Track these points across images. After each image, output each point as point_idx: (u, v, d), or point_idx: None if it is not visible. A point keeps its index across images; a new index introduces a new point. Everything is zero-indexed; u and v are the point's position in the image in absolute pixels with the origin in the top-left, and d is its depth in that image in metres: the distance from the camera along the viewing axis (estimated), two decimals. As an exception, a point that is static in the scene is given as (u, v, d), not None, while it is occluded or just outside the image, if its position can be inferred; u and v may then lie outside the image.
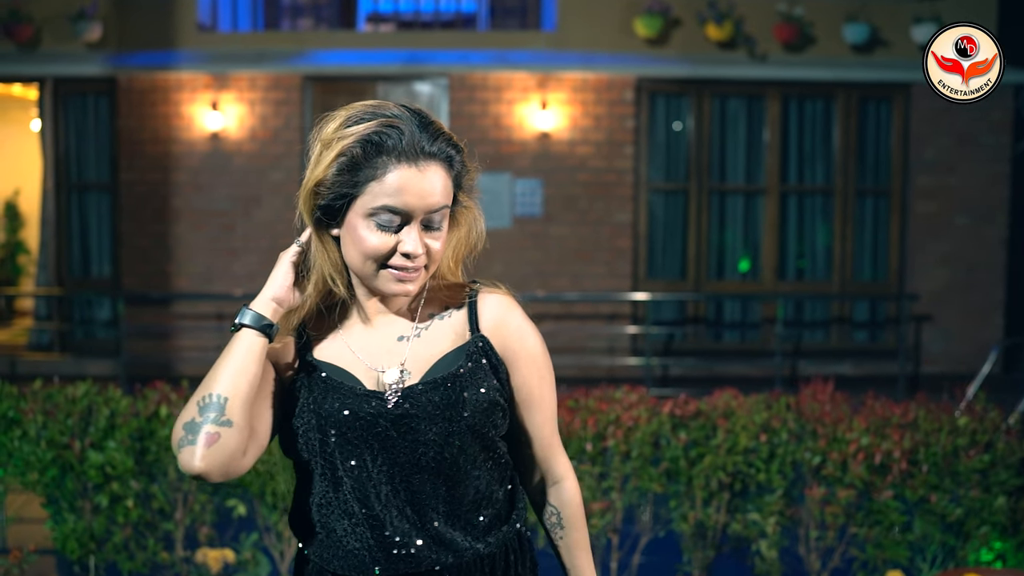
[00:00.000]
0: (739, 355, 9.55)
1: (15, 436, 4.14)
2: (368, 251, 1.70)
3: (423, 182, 1.69)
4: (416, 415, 1.73)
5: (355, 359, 1.79)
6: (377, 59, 9.28)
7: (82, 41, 9.15)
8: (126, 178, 9.43)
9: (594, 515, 4.09)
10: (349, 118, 1.71)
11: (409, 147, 1.68)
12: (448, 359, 1.79)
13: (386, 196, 1.67)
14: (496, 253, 9.25)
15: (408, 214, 1.69)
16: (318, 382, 1.77)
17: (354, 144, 1.67)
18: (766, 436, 4.07)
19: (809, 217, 9.74)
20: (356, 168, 1.68)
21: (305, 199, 1.73)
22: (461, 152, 1.79)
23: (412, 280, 1.73)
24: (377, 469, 1.73)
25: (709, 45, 9.22)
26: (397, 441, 1.72)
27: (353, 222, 1.71)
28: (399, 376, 1.76)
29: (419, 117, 1.72)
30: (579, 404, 4.12)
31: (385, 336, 1.82)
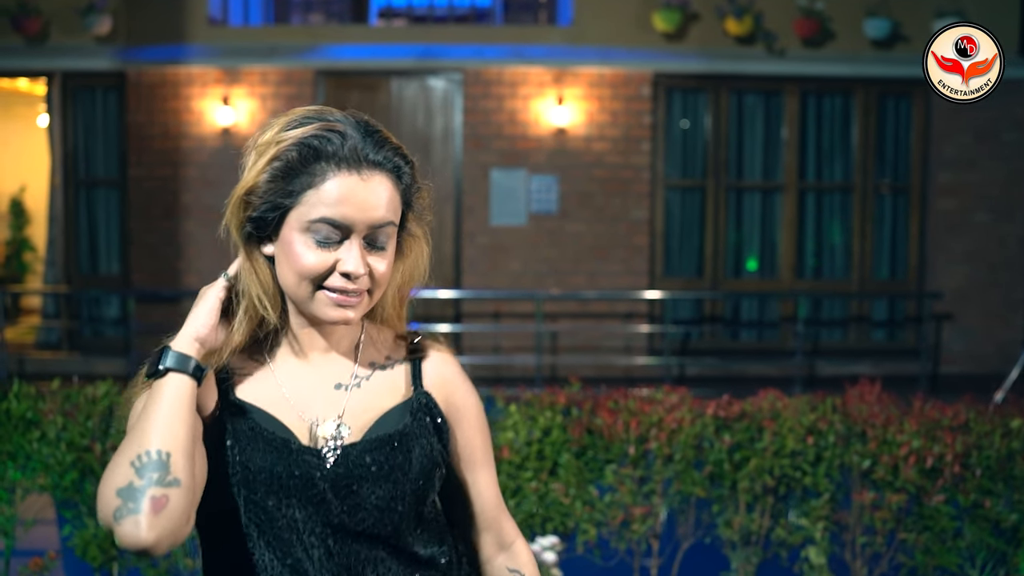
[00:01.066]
0: (757, 354, 9.42)
1: (33, 438, 4.00)
2: (303, 269, 1.50)
3: (366, 192, 1.50)
4: (358, 476, 1.54)
5: (285, 403, 1.58)
6: (390, 53, 9.14)
7: (91, 35, 9.02)
8: (135, 174, 9.29)
9: (635, 520, 3.95)
10: (288, 123, 1.52)
11: (351, 153, 1.50)
12: (392, 416, 1.61)
13: (324, 206, 1.48)
14: (511, 251, 9.12)
15: (348, 227, 1.50)
16: (244, 430, 1.54)
17: (290, 148, 1.48)
18: (813, 438, 3.94)
19: (827, 215, 9.62)
20: (291, 175, 1.48)
21: (233, 209, 1.53)
22: (411, 166, 1.58)
23: (352, 306, 1.53)
24: (309, 532, 1.53)
25: (727, 40, 9.09)
26: (333, 504, 1.53)
27: (288, 237, 1.51)
28: (335, 431, 1.57)
29: (364, 125, 1.54)
30: (619, 405, 3.99)
31: (321, 380, 1.61)
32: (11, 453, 3.98)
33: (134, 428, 1.42)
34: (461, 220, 9.16)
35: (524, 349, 9.16)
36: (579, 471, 3.94)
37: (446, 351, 1.72)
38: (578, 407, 3.99)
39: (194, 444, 1.44)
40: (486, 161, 9.11)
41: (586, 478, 3.96)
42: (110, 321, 9.68)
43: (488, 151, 9.14)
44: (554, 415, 3.94)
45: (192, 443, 1.42)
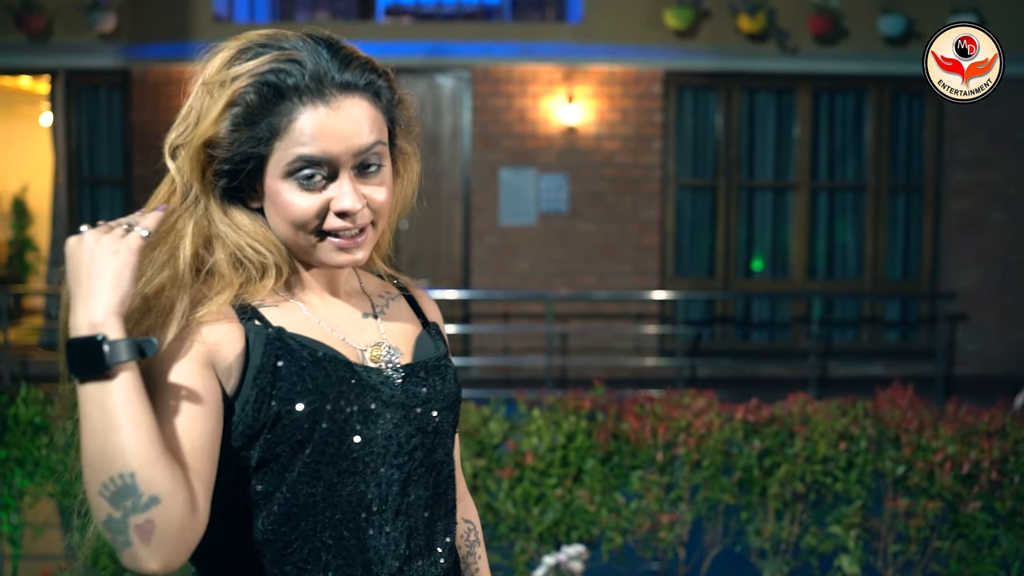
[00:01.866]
0: (768, 355, 9.30)
1: (42, 444, 3.89)
2: (296, 217, 1.36)
3: (341, 120, 1.34)
4: (423, 398, 1.45)
5: (327, 333, 1.43)
6: (397, 51, 9.02)
7: (95, 32, 8.89)
8: (140, 173, 9.16)
9: (662, 528, 3.84)
10: (237, 54, 1.36)
11: (314, 82, 1.33)
12: (423, 340, 1.54)
13: (300, 146, 1.33)
14: (521, 250, 9.00)
15: (332, 162, 1.35)
16: (299, 357, 1.36)
17: (246, 89, 1.32)
18: (845, 444, 3.83)
19: (840, 214, 9.50)
20: (255, 119, 1.33)
21: (192, 162, 1.36)
22: (387, 78, 1.42)
23: (359, 245, 1.40)
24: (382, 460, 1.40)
25: (739, 37, 8.97)
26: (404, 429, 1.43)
27: (272, 187, 1.37)
28: (387, 351, 1.46)
29: (325, 44, 1.37)
30: (645, 410, 3.88)
31: (350, 312, 1.49)
32: (19, 459, 3.88)
33: (86, 444, 1.18)
34: (470, 219, 9.05)
35: (533, 350, 9.04)
36: (604, 477, 3.83)
37: (426, 289, 1.66)
38: (603, 412, 3.88)
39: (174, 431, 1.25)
40: (495, 160, 9.00)
41: (611, 485, 3.85)
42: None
43: (497, 150, 9.02)
44: (578, 420, 3.83)
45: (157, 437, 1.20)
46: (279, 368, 1.34)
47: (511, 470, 3.75)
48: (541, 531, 3.73)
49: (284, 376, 1.34)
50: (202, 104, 1.36)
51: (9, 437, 3.82)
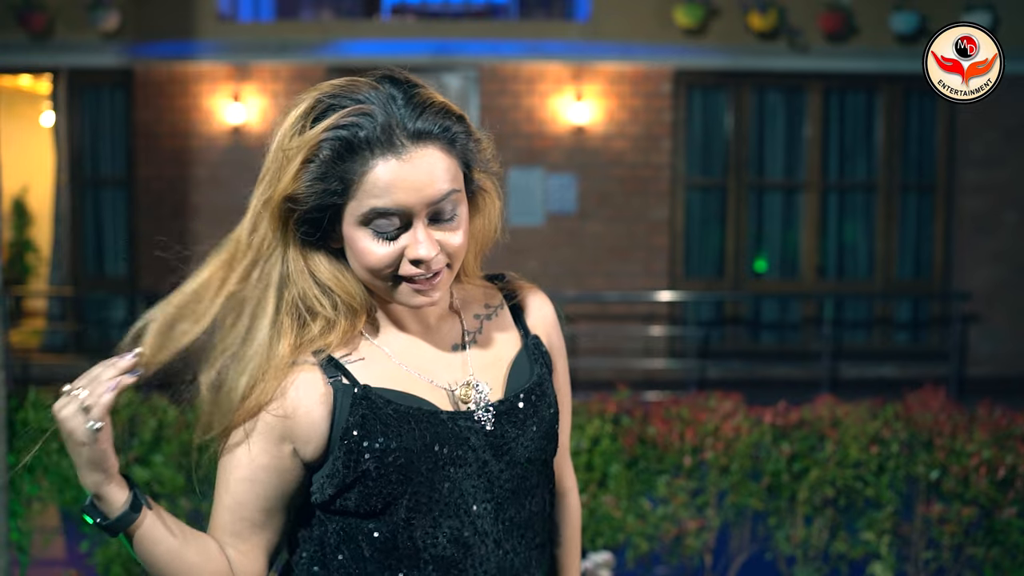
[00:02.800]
0: (779, 357, 9.21)
1: (52, 449, 3.78)
2: (371, 265, 1.39)
3: (413, 171, 1.35)
4: (513, 434, 1.46)
5: (410, 377, 1.46)
6: (404, 50, 8.93)
7: (98, 31, 8.79)
8: (143, 173, 9.07)
9: (689, 534, 3.74)
10: (309, 111, 1.38)
11: (386, 134, 1.35)
12: (520, 365, 1.54)
13: (373, 198, 1.35)
14: (528, 251, 8.91)
15: (406, 213, 1.37)
16: (387, 414, 1.41)
17: (320, 146, 1.35)
18: (876, 448, 3.73)
19: (851, 214, 9.41)
20: (330, 173, 1.35)
21: (273, 219, 1.40)
22: (463, 121, 1.45)
23: (434, 287, 1.41)
24: (477, 500, 1.44)
25: (749, 35, 8.88)
26: (492, 465, 1.45)
27: (349, 233, 1.40)
28: (477, 390, 1.47)
29: (400, 90, 1.40)
30: (671, 413, 3.78)
31: (436, 348, 1.50)
32: (28, 466, 3.77)
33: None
34: (477, 220, 8.94)
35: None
36: (629, 483, 3.72)
37: (536, 288, 1.66)
38: (629, 415, 3.77)
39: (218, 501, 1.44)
40: (503, 160, 8.76)
41: (636, 490, 3.75)
42: (117, 324, 9.45)
43: (505, 149, 8.84)
44: (603, 424, 3.73)
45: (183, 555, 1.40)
46: (366, 427, 1.40)
47: (534, 475, 3.65)
48: (566, 538, 3.63)
49: (372, 435, 1.40)
50: (280, 165, 1.39)
51: (18, 443, 3.71)
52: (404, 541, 1.42)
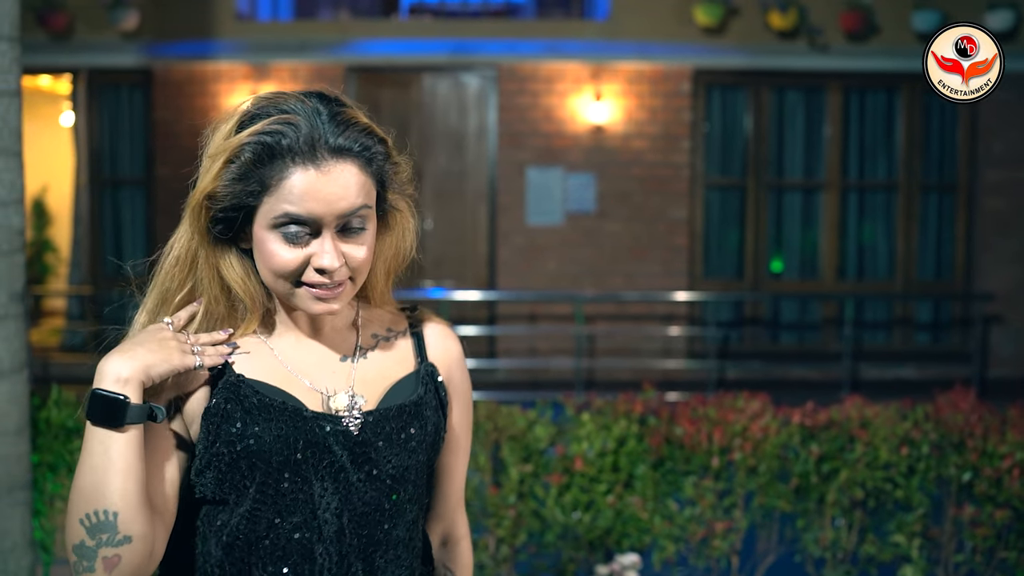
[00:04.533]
0: (798, 357, 9.15)
1: (74, 448, 3.77)
2: (277, 268, 1.44)
3: (328, 183, 1.41)
4: (376, 445, 1.49)
5: (290, 376, 1.51)
6: (422, 49, 8.91)
7: (117, 30, 8.80)
8: (162, 173, 9.07)
9: (716, 536, 3.70)
10: (240, 119, 1.45)
11: (307, 145, 1.41)
12: (404, 385, 1.57)
13: (287, 204, 1.41)
14: (547, 251, 8.87)
15: (316, 222, 1.42)
16: (252, 403, 1.46)
17: (243, 147, 1.41)
18: (907, 449, 3.68)
19: (871, 214, 9.34)
20: (249, 175, 1.41)
21: (193, 214, 1.47)
22: (383, 143, 1.49)
23: (334, 297, 1.47)
24: (324, 507, 1.46)
25: (768, 34, 8.83)
26: (351, 473, 1.47)
27: (259, 235, 1.45)
28: (350, 400, 1.51)
29: (327, 106, 1.45)
30: (698, 413, 3.74)
31: (324, 354, 1.55)
32: (51, 464, 3.76)
33: (78, 482, 1.35)
34: (496, 219, 8.91)
35: (561, 352, 8.91)
36: (656, 484, 3.69)
37: (445, 324, 1.69)
38: (655, 416, 3.74)
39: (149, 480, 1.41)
40: (521, 159, 8.87)
41: (663, 491, 3.71)
42: (135, 323, 9.46)
43: (523, 149, 8.89)
44: (629, 424, 3.69)
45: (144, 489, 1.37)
46: (227, 411, 1.44)
47: (559, 476, 3.61)
48: (591, 539, 3.60)
49: (230, 419, 1.44)
50: (205, 168, 1.47)
51: (41, 441, 3.70)
52: (248, 535, 1.46)
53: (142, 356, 1.37)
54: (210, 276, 1.50)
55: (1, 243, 3.38)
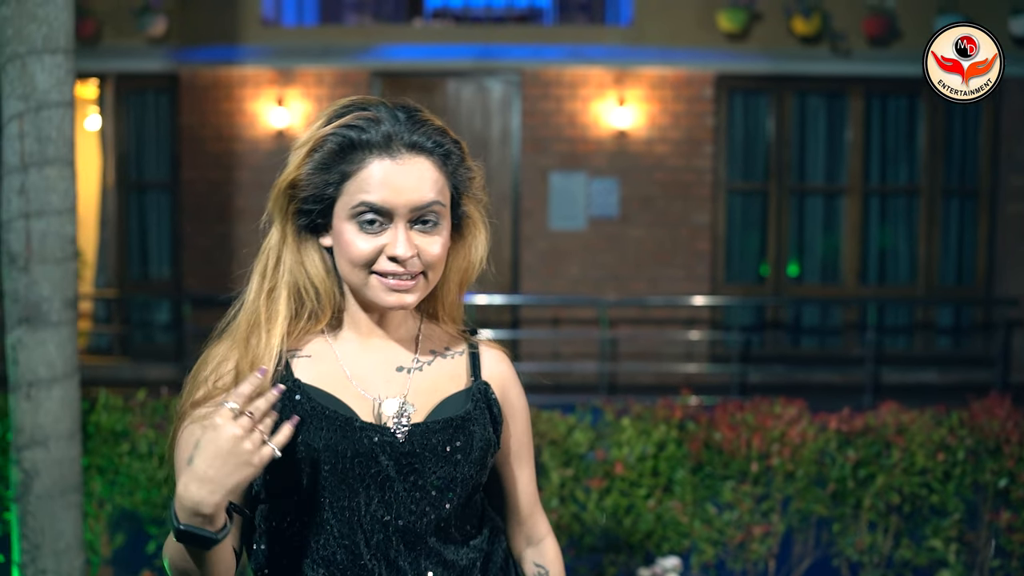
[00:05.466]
0: (820, 361, 9.18)
1: (123, 451, 3.84)
2: (352, 256, 1.53)
3: (403, 175, 1.51)
4: (422, 456, 1.54)
5: (347, 382, 1.58)
6: (446, 54, 8.96)
7: (145, 36, 8.87)
8: (188, 177, 9.15)
9: (755, 539, 3.75)
10: (326, 117, 1.56)
11: (385, 138, 1.51)
12: (455, 400, 1.62)
13: (363, 192, 1.51)
14: (570, 255, 8.92)
15: (390, 211, 1.51)
16: (307, 410, 1.53)
17: (326, 139, 1.52)
18: (943, 455, 3.73)
19: (892, 218, 9.37)
20: (329, 165, 1.52)
21: (276, 200, 1.58)
22: (457, 145, 1.59)
23: (407, 289, 1.54)
24: (371, 515, 1.52)
25: (791, 40, 8.86)
26: (396, 483, 1.53)
27: (338, 227, 1.54)
28: (399, 408, 1.57)
29: (405, 110, 1.55)
30: (736, 419, 3.79)
31: (383, 362, 1.62)
32: (100, 467, 3.82)
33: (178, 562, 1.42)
34: (519, 224, 8.97)
35: (584, 356, 8.95)
36: (694, 488, 3.74)
37: (501, 349, 1.75)
38: (694, 421, 3.79)
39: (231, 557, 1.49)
40: (545, 164, 8.92)
41: (701, 495, 3.76)
42: (161, 326, 9.54)
43: (547, 154, 8.94)
44: (669, 429, 3.74)
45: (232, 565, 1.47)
46: (283, 415, 1.46)
47: (600, 480, 3.66)
48: (632, 543, 3.65)
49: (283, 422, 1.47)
50: (292, 157, 1.57)
51: (90, 445, 3.77)
52: (298, 540, 1.53)
53: (221, 482, 1.36)
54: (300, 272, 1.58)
55: (55, 251, 3.46)
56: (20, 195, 3.39)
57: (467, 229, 1.64)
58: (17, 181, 3.39)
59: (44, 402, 3.44)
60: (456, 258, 1.64)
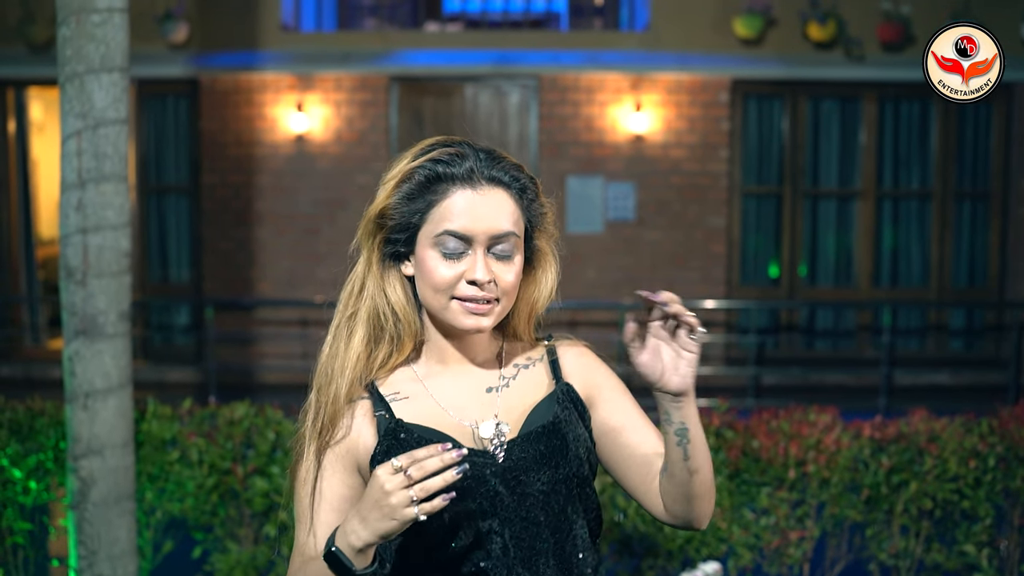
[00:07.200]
0: (834, 363, 9.28)
1: (172, 459, 3.92)
2: (434, 281, 1.64)
3: (483, 205, 1.63)
4: (523, 467, 1.66)
5: (443, 413, 1.69)
6: (464, 59, 9.05)
7: (166, 42, 8.96)
8: (208, 181, 9.24)
9: (791, 544, 3.84)
10: (414, 154, 1.68)
11: (468, 172, 1.64)
12: (541, 407, 1.72)
13: (446, 221, 1.62)
14: (588, 259, 9.01)
15: (469, 238, 1.63)
16: (407, 447, 1.61)
17: (414, 171, 1.64)
18: (974, 462, 3.82)
19: (905, 222, 9.46)
20: (416, 195, 1.64)
21: (365, 229, 1.69)
22: (533, 183, 1.72)
23: (483, 314, 1.64)
24: (488, 529, 1.63)
25: (805, 45, 8.95)
26: (505, 496, 1.64)
27: (421, 254, 1.66)
28: (495, 430, 1.68)
29: (486, 150, 1.67)
30: (772, 426, 3.88)
31: (471, 386, 1.73)
32: (151, 475, 3.91)
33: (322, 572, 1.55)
34: (536, 228, 9.04)
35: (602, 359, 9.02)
36: (731, 494, 3.83)
37: (576, 342, 1.83)
38: (732, 428, 3.88)
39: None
40: (562, 168, 9.01)
41: (738, 501, 3.85)
42: (180, 329, 9.63)
43: (564, 158, 9.03)
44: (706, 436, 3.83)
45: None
46: (390, 455, 1.58)
47: (640, 487, 3.75)
48: (675, 548, 3.74)
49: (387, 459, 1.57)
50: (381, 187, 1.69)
51: (141, 453, 3.85)
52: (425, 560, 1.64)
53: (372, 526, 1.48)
54: (381, 298, 1.69)
55: (111, 264, 3.54)
56: (78, 211, 3.47)
57: (538, 262, 1.75)
58: (75, 197, 3.47)
59: (100, 412, 3.52)
60: (526, 290, 1.75)
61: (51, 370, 8.74)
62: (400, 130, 9.06)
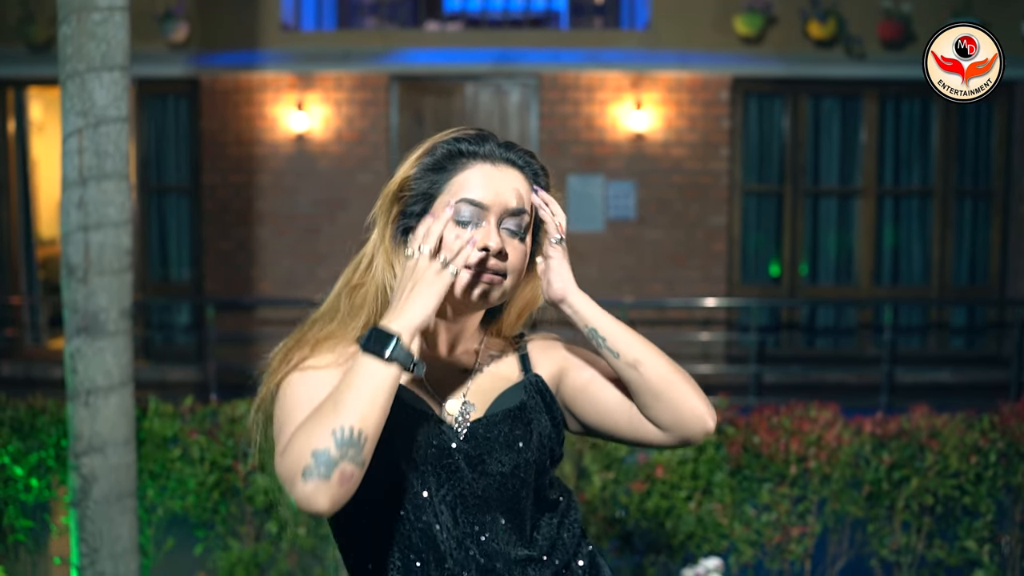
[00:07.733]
0: (835, 361, 9.28)
1: (174, 456, 3.93)
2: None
3: (501, 179, 1.71)
4: (486, 448, 1.72)
5: (421, 382, 1.77)
6: (464, 58, 9.05)
7: (166, 41, 8.96)
8: (208, 181, 9.24)
9: (792, 540, 3.84)
10: (441, 134, 1.76)
11: (488, 151, 1.72)
12: (509, 393, 1.80)
13: (464, 190, 1.68)
14: (588, 257, 9.01)
15: (485, 207, 1.68)
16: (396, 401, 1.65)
17: (437, 145, 1.73)
18: (975, 458, 3.82)
19: (906, 220, 9.46)
20: (437, 168, 1.71)
21: (384, 204, 1.75)
22: (544, 171, 1.81)
23: (493, 285, 1.69)
24: (440, 499, 1.68)
25: (806, 43, 8.95)
26: (465, 473, 1.70)
27: None
28: (461, 407, 1.76)
29: (505, 141, 1.77)
30: (774, 423, 3.88)
31: (447, 366, 1.80)
32: (153, 472, 3.91)
33: (339, 397, 1.51)
34: (537, 226, 9.04)
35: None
36: (732, 491, 3.83)
37: (549, 336, 1.92)
38: (733, 425, 3.88)
39: None
40: (563, 167, 9.01)
41: (739, 497, 3.85)
42: (181, 329, 9.64)
43: (565, 157, 9.03)
44: (708, 433, 3.83)
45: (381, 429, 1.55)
46: None
47: (641, 483, 3.75)
48: (673, 544, 3.74)
49: None
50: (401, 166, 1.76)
51: (143, 450, 3.86)
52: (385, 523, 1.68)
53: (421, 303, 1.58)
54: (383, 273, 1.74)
55: (112, 262, 3.54)
56: (79, 208, 3.47)
57: (536, 265, 1.82)
58: (76, 195, 3.47)
59: (102, 409, 3.52)
60: (523, 288, 1.83)
61: (51, 370, 8.76)
62: (400, 129, 9.07)
